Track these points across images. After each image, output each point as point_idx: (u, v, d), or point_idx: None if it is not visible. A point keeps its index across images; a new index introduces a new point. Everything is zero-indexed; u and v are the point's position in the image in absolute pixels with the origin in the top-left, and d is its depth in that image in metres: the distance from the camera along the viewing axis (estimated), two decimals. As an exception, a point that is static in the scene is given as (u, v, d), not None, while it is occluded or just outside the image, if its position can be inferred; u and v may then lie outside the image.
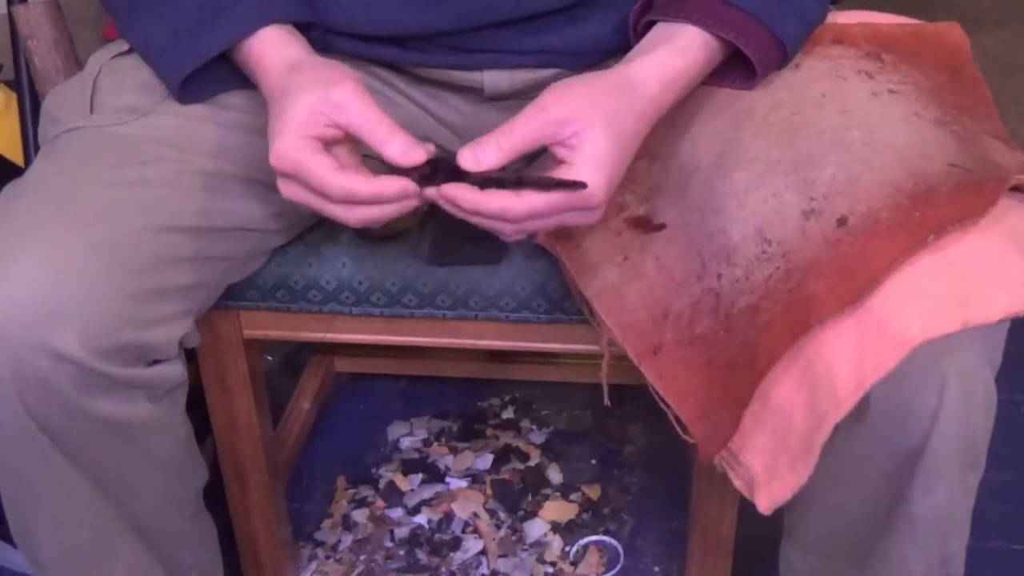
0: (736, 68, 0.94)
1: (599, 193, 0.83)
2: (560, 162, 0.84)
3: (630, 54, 0.91)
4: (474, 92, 1.04)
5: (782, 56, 0.92)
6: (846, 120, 0.89)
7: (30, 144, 1.16)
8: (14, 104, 1.19)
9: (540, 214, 0.83)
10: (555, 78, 1.02)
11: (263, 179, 1.00)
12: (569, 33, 1.00)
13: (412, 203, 0.84)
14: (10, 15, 1.12)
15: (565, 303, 1.04)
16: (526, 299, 1.05)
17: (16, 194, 0.92)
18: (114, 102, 0.98)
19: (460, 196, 0.83)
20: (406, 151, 0.83)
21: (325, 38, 1.00)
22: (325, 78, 0.85)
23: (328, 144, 0.85)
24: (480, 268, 1.05)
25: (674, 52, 0.89)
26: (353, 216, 0.85)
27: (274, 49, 0.91)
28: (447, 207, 0.84)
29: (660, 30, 0.91)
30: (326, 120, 0.84)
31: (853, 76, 0.94)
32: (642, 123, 0.87)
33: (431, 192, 0.84)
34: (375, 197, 0.83)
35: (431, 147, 0.85)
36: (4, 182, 0.95)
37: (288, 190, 0.86)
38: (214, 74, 0.95)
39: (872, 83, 0.93)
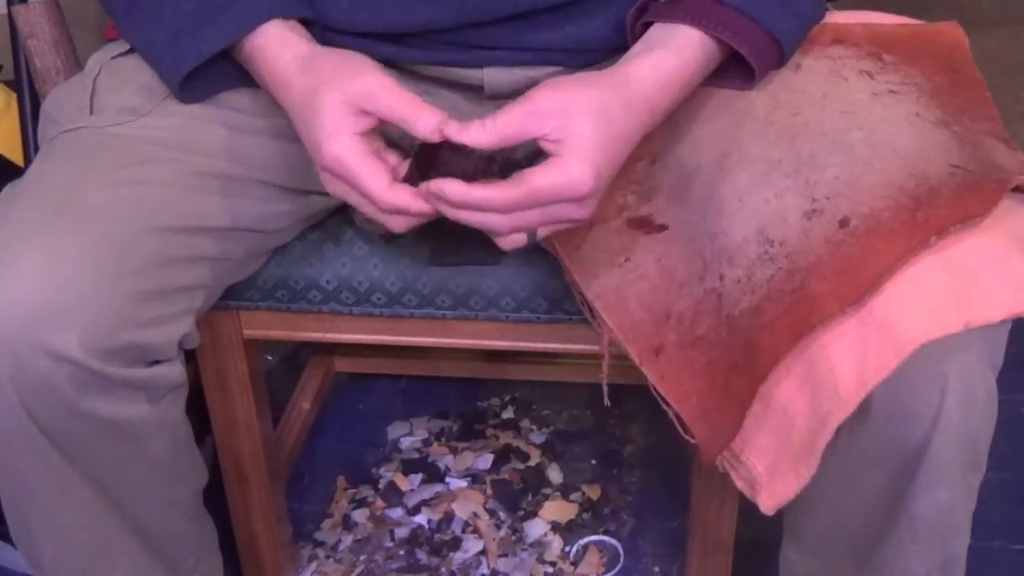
0: (735, 68, 0.94)
1: (586, 183, 0.83)
2: (548, 155, 0.84)
3: (627, 55, 0.91)
4: (474, 90, 1.04)
5: (779, 55, 0.92)
6: (847, 121, 0.89)
7: (30, 144, 1.16)
8: (14, 104, 1.19)
9: (529, 204, 0.83)
10: (555, 76, 1.03)
11: (263, 179, 1.00)
12: (569, 31, 1.00)
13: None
14: (10, 15, 1.12)
15: (565, 303, 1.04)
16: (526, 299, 1.05)
17: (16, 194, 0.92)
18: (114, 102, 0.98)
19: (448, 188, 0.83)
20: (438, 125, 0.84)
21: (324, 36, 1.00)
22: (345, 70, 0.87)
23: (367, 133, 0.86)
24: (480, 268, 1.05)
25: (669, 52, 0.89)
26: (398, 225, 0.87)
27: (281, 45, 0.91)
28: (435, 204, 0.85)
29: (656, 31, 0.91)
30: (359, 111, 0.85)
31: (854, 77, 0.94)
32: (635, 119, 0.87)
33: (422, 187, 0.84)
34: (421, 214, 0.85)
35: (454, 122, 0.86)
36: (4, 182, 0.95)
37: (334, 188, 0.87)
38: (215, 73, 0.95)
39: (873, 83, 0.93)
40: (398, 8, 0.97)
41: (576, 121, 0.83)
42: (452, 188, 0.83)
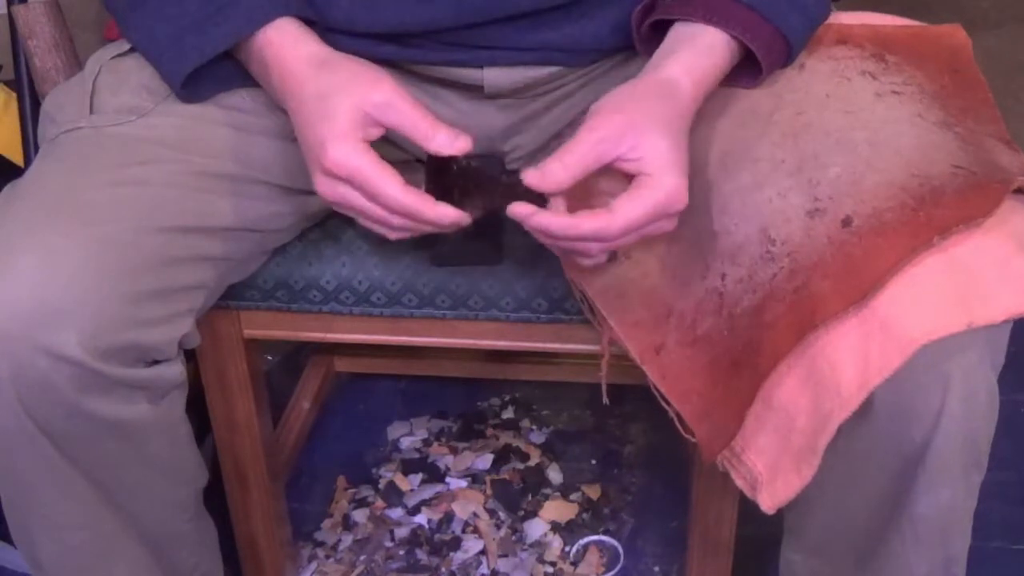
0: (740, 67, 0.94)
1: (683, 194, 0.83)
2: (632, 177, 0.84)
3: (656, 57, 0.91)
4: (474, 90, 1.04)
5: (786, 53, 0.92)
6: (851, 121, 0.89)
7: (30, 144, 1.16)
8: (14, 104, 1.19)
9: (633, 228, 0.83)
10: (554, 76, 1.03)
11: (263, 179, 1.00)
12: (569, 30, 1.00)
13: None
14: (10, 15, 1.12)
15: (565, 303, 1.04)
16: (526, 299, 1.05)
17: (15, 194, 0.91)
18: (114, 102, 0.98)
19: (553, 224, 0.83)
20: (451, 142, 0.84)
21: (324, 37, 1.00)
22: (362, 78, 0.87)
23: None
24: (480, 268, 1.05)
25: (700, 52, 0.90)
26: (396, 228, 0.87)
27: (294, 41, 0.91)
28: (537, 236, 0.85)
29: (680, 31, 0.91)
30: (371, 121, 0.85)
31: (857, 77, 0.94)
32: (685, 122, 0.87)
33: (519, 212, 0.83)
34: (434, 221, 0.85)
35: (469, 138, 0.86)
36: (4, 182, 0.95)
37: (333, 191, 0.86)
38: (217, 73, 0.95)
39: (876, 84, 0.93)
40: (397, 8, 0.97)
41: (648, 136, 0.83)
42: (559, 223, 0.82)
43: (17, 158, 1.29)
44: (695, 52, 0.89)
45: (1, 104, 1.37)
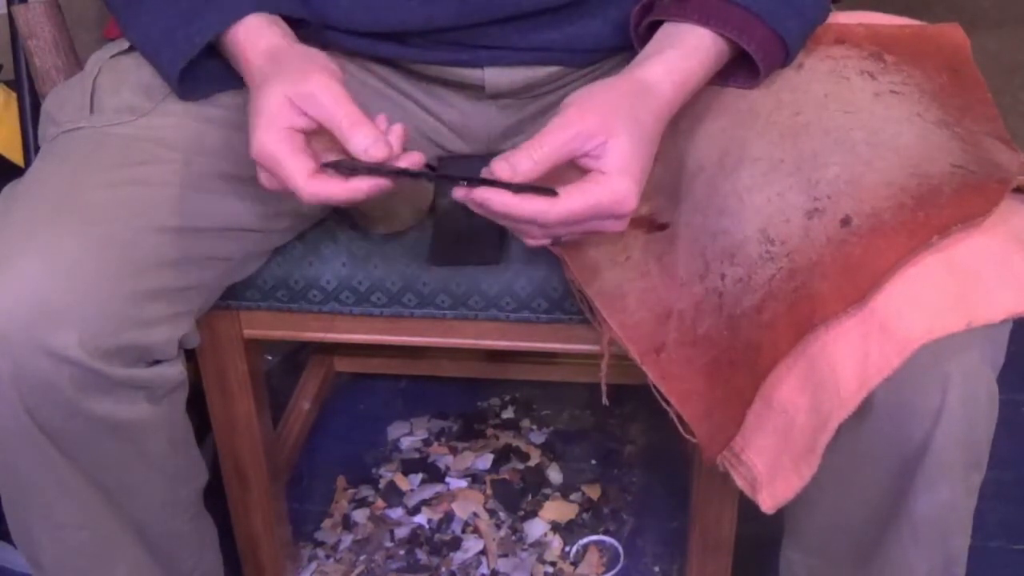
0: (739, 67, 0.94)
1: (632, 199, 0.83)
2: (587, 172, 0.84)
3: (640, 56, 0.91)
4: (474, 90, 1.04)
5: (784, 54, 0.93)
6: (849, 120, 0.90)
7: (30, 144, 1.16)
8: (14, 104, 1.19)
9: (573, 220, 0.83)
10: (555, 76, 1.03)
11: (263, 179, 1.00)
12: (570, 31, 1.00)
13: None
14: (10, 15, 1.12)
15: (565, 303, 1.04)
16: (526, 299, 1.05)
17: (16, 195, 0.92)
18: (114, 102, 0.98)
19: (494, 199, 0.82)
20: (368, 147, 0.82)
21: (325, 35, 1.00)
22: (299, 67, 0.86)
23: (308, 133, 0.85)
24: (480, 268, 1.05)
25: (684, 55, 0.89)
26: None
27: (255, 36, 0.90)
28: (475, 208, 0.84)
29: (667, 31, 0.91)
30: (298, 111, 0.84)
31: (856, 76, 0.94)
32: (659, 124, 0.87)
33: (460, 193, 0.83)
34: (350, 198, 0.84)
35: (419, 156, 0.85)
36: (4, 182, 0.95)
37: (267, 181, 0.86)
38: (213, 71, 0.95)
39: (875, 84, 0.93)
40: (398, 8, 0.97)
41: (617, 138, 0.83)
42: (499, 200, 0.82)
43: (17, 158, 1.29)
44: (680, 54, 0.89)
45: (1, 104, 1.37)
